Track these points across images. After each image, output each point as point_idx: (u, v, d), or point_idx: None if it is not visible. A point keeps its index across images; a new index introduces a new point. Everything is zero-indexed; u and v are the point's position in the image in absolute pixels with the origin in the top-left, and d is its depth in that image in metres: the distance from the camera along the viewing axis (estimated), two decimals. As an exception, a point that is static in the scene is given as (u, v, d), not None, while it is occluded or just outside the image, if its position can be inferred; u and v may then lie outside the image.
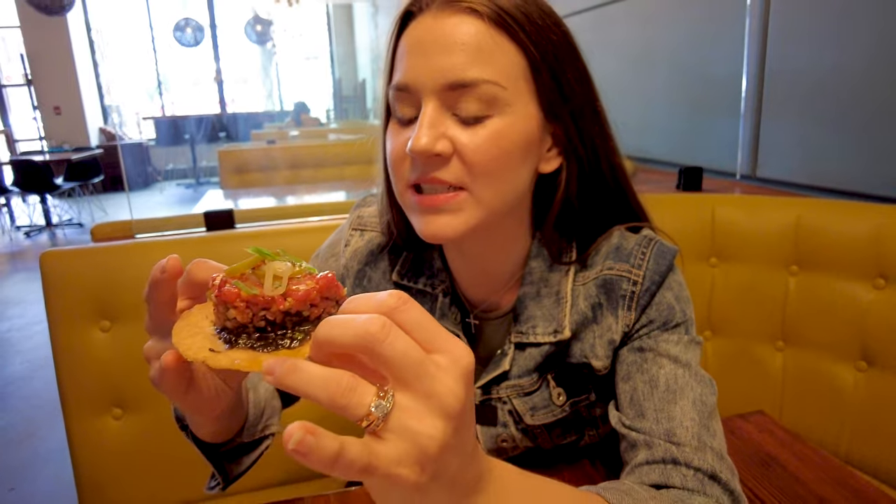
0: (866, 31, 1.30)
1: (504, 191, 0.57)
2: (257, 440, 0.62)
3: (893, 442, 1.03)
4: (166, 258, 0.40)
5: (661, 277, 0.62)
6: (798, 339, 1.18)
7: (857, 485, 0.64)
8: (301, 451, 0.28)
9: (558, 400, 0.65)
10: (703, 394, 0.57)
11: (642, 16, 2.14)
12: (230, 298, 0.35)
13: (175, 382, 0.42)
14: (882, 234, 1.06)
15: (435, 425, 0.30)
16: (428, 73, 0.54)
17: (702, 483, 0.51)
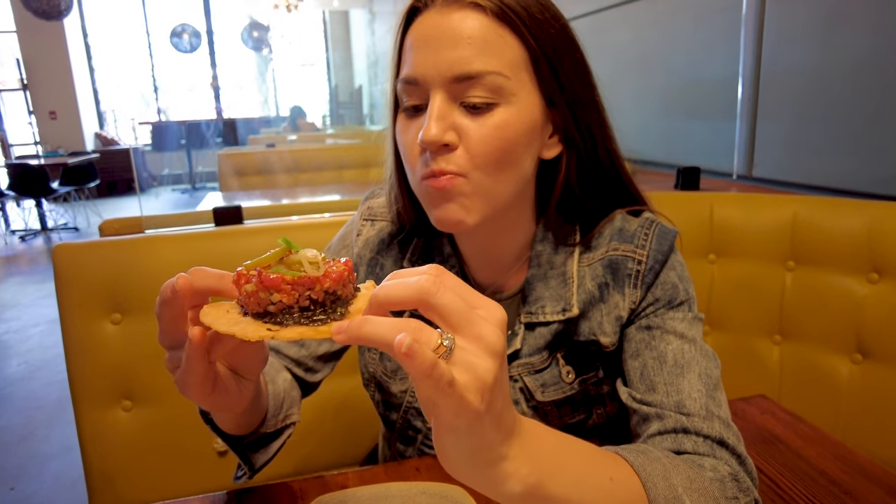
0: (857, 37, 1.33)
1: (508, 178, 0.60)
2: (279, 429, 0.64)
3: (888, 431, 1.05)
4: (175, 277, 0.41)
5: (663, 257, 0.65)
6: (795, 332, 1.20)
7: (857, 461, 0.66)
8: (409, 353, 0.32)
9: (567, 378, 0.67)
10: (708, 367, 0.60)
11: (639, 21, 2.17)
12: (276, 283, 0.38)
13: (202, 384, 0.45)
14: (874, 229, 1.08)
15: (487, 361, 0.35)
16: (435, 66, 0.57)
17: (711, 448, 0.54)
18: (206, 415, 0.61)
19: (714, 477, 0.51)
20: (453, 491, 0.58)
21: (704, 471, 0.51)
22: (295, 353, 0.74)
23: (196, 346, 0.42)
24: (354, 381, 1.17)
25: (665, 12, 2.02)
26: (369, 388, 0.80)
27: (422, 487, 0.59)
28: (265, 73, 9.10)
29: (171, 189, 8.46)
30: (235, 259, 1.15)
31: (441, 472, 0.66)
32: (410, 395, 0.74)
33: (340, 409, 1.15)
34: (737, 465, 0.53)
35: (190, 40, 8.25)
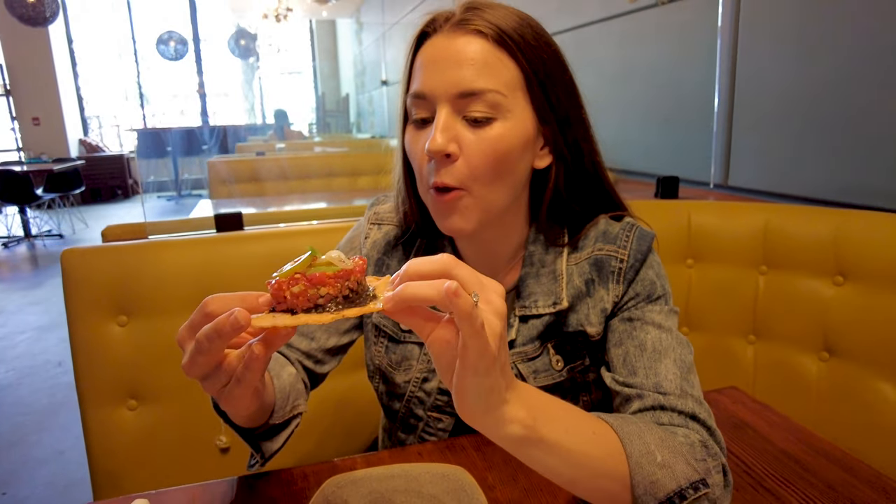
0: (826, 54, 1.41)
1: (504, 187, 0.67)
2: (287, 420, 0.69)
3: (853, 425, 1.11)
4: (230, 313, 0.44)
5: (643, 256, 0.72)
6: (767, 332, 1.27)
7: (818, 443, 0.73)
8: (457, 293, 0.40)
9: (557, 365, 0.74)
10: (682, 353, 0.67)
11: (620, 36, 2.23)
12: (322, 279, 0.45)
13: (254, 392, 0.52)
14: (840, 235, 1.15)
15: (496, 320, 0.44)
16: (442, 83, 0.64)
17: (685, 421, 0.61)
18: (217, 407, 0.65)
19: (685, 441, 0.58)
20: (454, 470, 0.64)
21: (677, 436, 0.58)
22: (305, 346, 0.79)
23: (262, 358, 0.47)
24: (352, 379, 1.22)
25: (645, 28, 2.08)
26: (374, 379, 0.86)
27: (425, 468, 0.65)
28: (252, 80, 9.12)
29: (157, 196, 8.43)
30: (236, 263, 1.20)
31: (441, 455, 0.71)
32: (413, 386, 0.80)
33: (340, 405, 1.20)
34: (707, 435, 0.60)
35: (176, 47, 8.24)
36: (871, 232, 1.11)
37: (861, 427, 1.09)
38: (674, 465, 0.54)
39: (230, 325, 0.44)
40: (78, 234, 6.56)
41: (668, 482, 0.53)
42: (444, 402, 0.79)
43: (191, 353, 0.47)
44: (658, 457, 0.53)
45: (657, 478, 0.52)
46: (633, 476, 0.52)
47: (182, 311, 1.14)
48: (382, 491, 0.62)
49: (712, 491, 0.54)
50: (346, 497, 0.61)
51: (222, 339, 0.45)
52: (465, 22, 0.65)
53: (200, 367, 0.48)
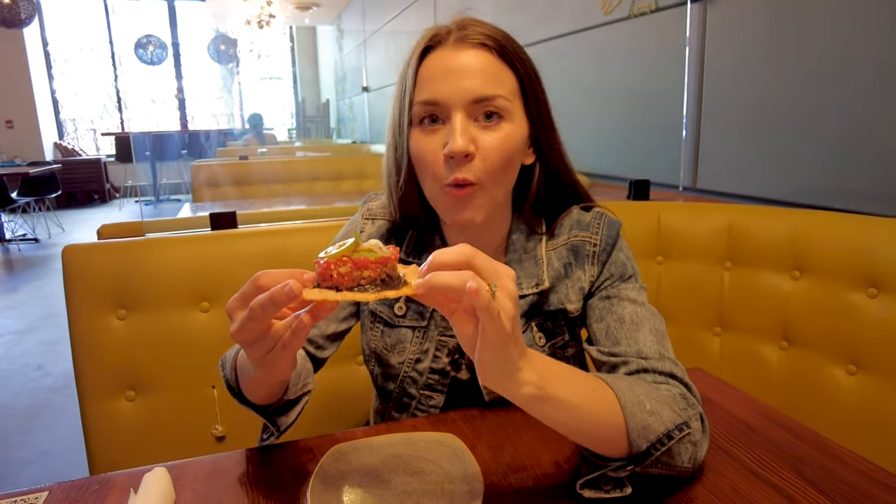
0: (783, 66, 1.51)
1: (506, 183, 0.77)
2: (299, 396, 0.75)
3: (811, 408, 1.19)
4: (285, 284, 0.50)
5: (613, 241, 0.82)
6: (732, 325, 1.34)
7: (767, 411, 0.81)
8: (478, 291, 0.47)
9: (539, 342, 0.83)
10: (656, 323, 0.77)
11: (594, 47, 2.31)
12: (365, 263, 0.52)
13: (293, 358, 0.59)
14: (797, 233, 1.23)
15: (510, 303, 0.51)
16: (457, 91, 0.71)
17: (666, 380, 0.70)
18: (232, 389, 0.72)
19: (668, 394, 0.67)
20: (447, 437, 0.71)
21: (660, 390, 0.67)
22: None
23: (309, 326, 0.54)
24: (340, 370, 1.28)
25: (618, 40, 2.16)
26: (369, 363, 0.92)
27: (421, 436, 0.72)
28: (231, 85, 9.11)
29: (135, 201, 8.35)
30: (232, 260, 1.26)
31: (433, 427, 0.78)
32: (407, 366, 0.87)
33: (330, 394, 1.26)
34: (684, 389, 0.70)
35: (155, 52, 8.21)
36: (824, 230, 1.20)
37: (816, 408, 1.18)
38: (661, 411, 0.62)
39: (285, 294, 0.50)
40: (54, 239, 6.49)
41: (657, 426, 0.61)
42: (434, 381, 0.86)
43: (242, 320, 0.54)
44: (647, 405, 0.62)
45: (648, 423, 0.61)
46: (628, 423, 0.60)
47: (180, 305, 1.19)
48: (385, 456, 0.69)
49: (693, 434, 0.63)
50: (349, 462, 0.68)
51: (276, 306, 0.51)
52: (468, 37, 0.73)
53: (250, 333, 0.55)
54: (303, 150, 5.47)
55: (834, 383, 1.16)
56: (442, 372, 0.86)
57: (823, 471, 0.68)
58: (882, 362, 1.08)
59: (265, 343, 0.56)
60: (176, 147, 8.05)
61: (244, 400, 0.71)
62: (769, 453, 0.71)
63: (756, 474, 0.67)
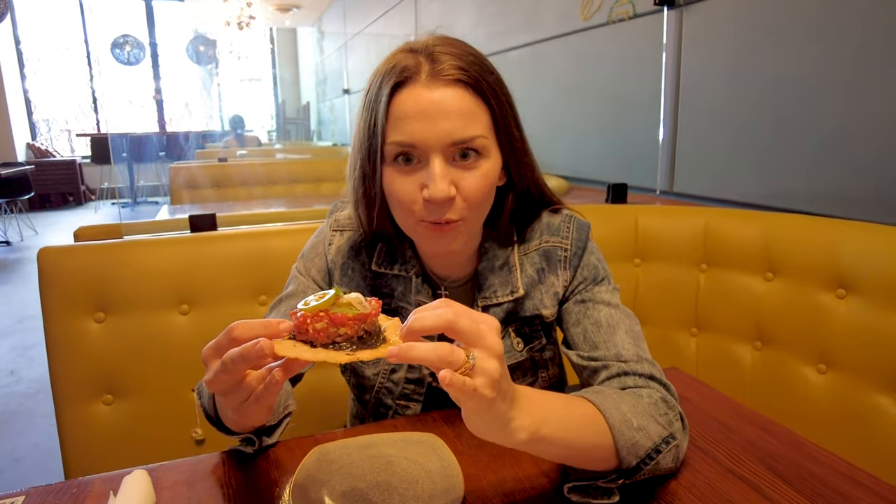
0: (756, 72, 1.55)
1: (486, 210, 0.76)
2: (281, 420, 0.76)
3: (783, 406, 1.21)
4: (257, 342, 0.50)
5: (583, 244, 0.83)
6: (708, 325, 1.37)
7: (742, 410, 0.84)
8: (449, 384, 0.47)
9: (517, 347, 0.84)
10: (631, 324, 0.78)
11: (575, 51, 2.34)
12: (342, 320, 0.51)
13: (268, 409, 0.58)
14: (770, 236, 1.25)
15: (494, 363, 0.50)
16: (434, 135, 0.68)
17: (646, 382, 0.72)
18: (210, 418, 0.71)
19: (650, 402, 0.68)
20: (428, 437, 0.72)
21: (643, 398, 0.68)
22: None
23: (281, 383, 0.53)
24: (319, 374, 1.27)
25: (598, 45, 2.19)
26: (345, 374, 0.93)
27: (402, 436, 0.72)
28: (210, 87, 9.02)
29: (112, 203, 8.22)
30: (212, 262, 1.25)
31: (413, 427, 0.79)
32: (382, 377, 0.87)
33: (310, 394, 1.25)
34: (664, 390, 0.71)
35: (132, 52, 8.10)
36: (796, 232, 1.23)
37: (788, 406, 1.21)
38: (647, 426, 0.64)
39: (255, 353, 0.50)
40: (26, 242, 6.35)
41: (645, 441, 0.63)
42: (410, 391, 0.86)
43: (215, 371, 0.53)
44: (634, 422, 0.63)
45: (636, 440, 0.62)
46: (617, 442, 0.61)
47: (160, 308, 1.18)
48: (367, 456, 0.69)
49: (677, 438, 0.66)
50: (331, 462, 0.68)
51: (246, 363, 0.51)
52: (442, 72, 0.69)
53: (223, 384, 0.55)
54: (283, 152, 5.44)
55: (805, 382, 1.19)
56: (417, 381, 0.86)
57: (795, 467, 0.70)
58: (850, 361, 1.11)
59: (239, 394, 0.55)
60: (154, 149, 7.94)
61: (224, 428, 0.70)
62: (743, 451, 0.73)
63: (730, 471, 0.69)
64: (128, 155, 7.75)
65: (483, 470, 0.70)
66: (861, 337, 1.10)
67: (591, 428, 0.61)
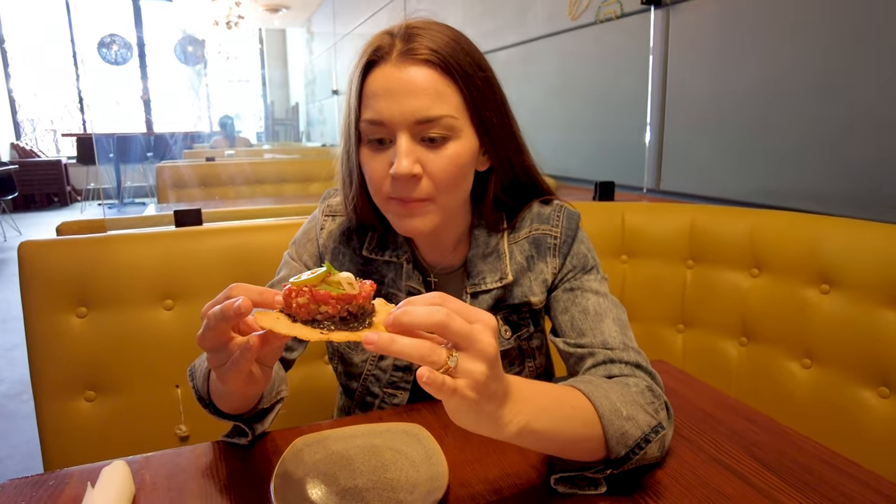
0: (742, 71, 1.57)
1: (460, 195, 0.76)
2: (273, 404, 0.75)
3: (769, 401, 1.22)
4: (238, 299, 0.50)
5: (573, 233, 0.83)
6: (694, 321, 1.38)
7: (727, 401, 0.84)
8: (428, 382, 0.45)
9: (505, 335, 0.84)
10: (618, 313, 0.78)
11: (563, 51, 2.36)
12: (325, 298, 0.50)
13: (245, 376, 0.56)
14: (755, 232, 1.27)
15: (482, 366, 0.48)
16: (401, 112, 0.69)
17: (632, 370, 0.72)
18: (203, 400, 0.71)
19: (637, 391, 0.68)
20: (413, 427, 0.71)
21: (630, 387, 0.68)
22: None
23: (254, 350, 0.53)
24: (307, 369, 1.27)
25: (585, 45, 2.21)
26: (333, 361, 0.92)
27: (386, 426, 0.72)
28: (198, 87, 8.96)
29: (98, 204, 8.13)
30: (196, 257, 1.24)
31: (399, 418, 0.78)
32: (370, 364, 0.86)
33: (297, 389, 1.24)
34: (650, 379, 0.71)
35: (119, 52, 8.02)
36: (781, 229, 1.24)
37: (774, 401, 1.21)
38: (636, 416, 0.64)
39: (233, 310, 0.50)
40: (10, 242, 6.27)
41: (634, 431, 0.63)
42: (398, 378, 0.86)
43: (203, 326, 0.53)
44: (624, 411, 0.63)
45: (626, 429, 0.62)
46: (607, 432, 0.61)
47: (144, 303, 1.17)
48: (350, 446, 0.69)
49: (664, 427, 0.66)
50: (315, 453, 0.67)
51: (226, 320, 0.51)
52: (412, 52, 0.70)
53: (208, 341, 0.54)
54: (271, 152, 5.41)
55: (791, 377, 1.20)
56: (405, 369, 0.86)
57: (778, 454, 0.70)
58: (834, 356, 1.12)
59: (221, 355, 0.55)
60: (141, 149, 7.87)
61: (216, 411, 0.70)
62: (727, 439, 0.73)
63: (715, 459, 0.69)
64: (114, 155, 7.68)
65: (468, 460, 0.69)
66: (844, 331, 1.11)
67: (581, 419, 0.61)
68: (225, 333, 0.54)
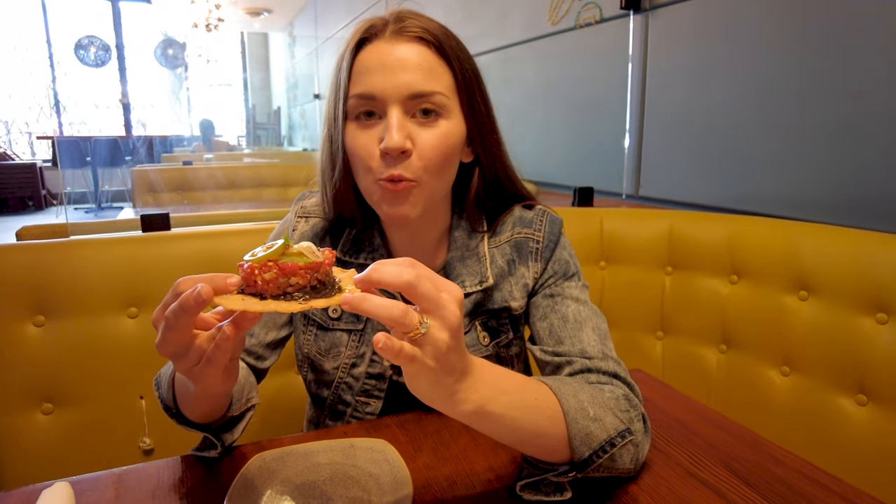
0: (722, 79, 1.56)
1: (445, 180, 0.75)
2: (243, 412, 0.72)
3: (749, 409, 1.21)
4: (196, 287, 0.47)
5: (555, 237, 0.81)
6: (673, 328, 1.36)
7: (703, 411, 0.82)
8: (384, 348, 0.44)
9: (484, 341, 0.82)
10: (598, 322, 0.76)
11: (542, 56, 2.34)
12: (293, 269, 0.47)
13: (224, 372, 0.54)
14: (734, 239, 1.26)
15: (445, 334, 0.47)
16: (394, 86, 0.69)
17: (609, 380, 0.70)
18: (170, 409, 0.67)
19: (611, 396, 0.66)
20: (378, 443, 0.68)
21: (603, 392, 0.66)
22: (246, 343, 0.81)
23: (232, 339, 0.50)
24: (277, 379, 1.23)
25: (564, 50, 2.20)
26: (302, 368, 0.88)
27: (350, 442, 0.68)
28: (179, 91, 8.85)
29: (75, 208, 7.98)
30: (163, 263, 1.20)
31: (365, 433, 0.75)
32: (342, 372, 0.83)
33: (267, 402, 1.21)
34: (627, 389, 0.69)
35: (97, 54, 7.89)
36: (760, 235, 1.23)
37: (754, 408, 1.20)
38: (604, 417, 0.61)
39: (194, 299, 0.47)
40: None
41: (599, 433, 0.60)
42: (371, 386, 0.83)
43: (162, 330, 0.50)
44: (591, 412, 0.60)
45: (591, 430, 0.59)
46: (570, 430, 0.59)
47: (106, 311, 1.13)
48: (311, 464, 0.65)
49: (635, 437, 0.63)
50: (273, 471, 0.64)
51: (187, 314, 0.48)
52: (405, 29, 0.71)
53: (171, 345, 0.51)
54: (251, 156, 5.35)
55: (770, 384, 1.18)
56: (379, 377, 0.83)
57: (757, 469, 0.68)
58: (812, 363, 1.11)
59: (190, 357, 0.52)
60: (119, 153, 7.74)
61: (184, 420, 0.67)
62: (704, 453, 0.71)
63: (691, 473, 0.67)
64: (92, 159, 7.54)
65: (437, 477, 0.66)
66: (823, 338, 1.10)
67: (544, 413, 0.58)
68: (187, 332, 0.51)
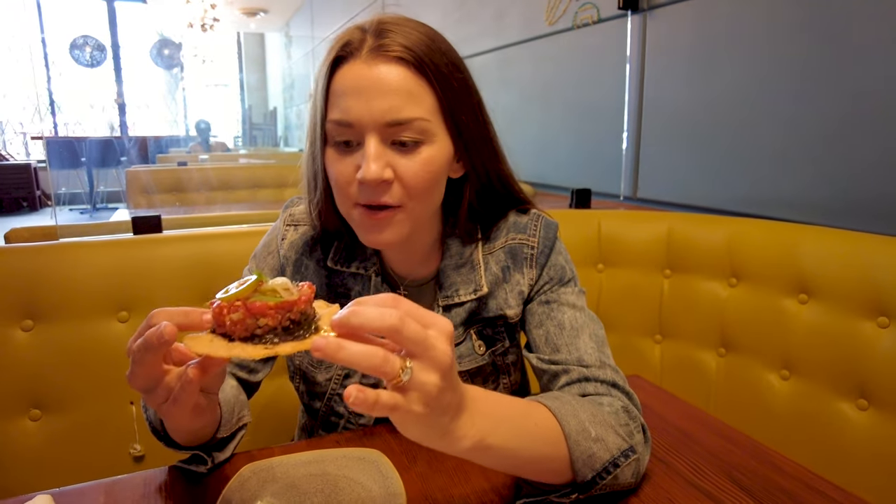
0: (721, 79, 1.55)
1: (431, 203, 0.72)
2: (234, 432, 0.70)
3: (748, 413, 1.20)
4: (160, 326, 0.46)
5: (551, 243, 0.79)
6: (672, 331, 1.35)
7: (704, 418, 0.80)
8: (356, 402, 0.41)
9: (479, 350, 0.80)
10: (595, 329, 0.74)
11: (540, 57, 2.33)
12: (262, 310, 0.44)
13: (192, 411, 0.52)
14: (733, 241, 1.25)
15: (434, 377, 0.44)
16: (370, 113, 0.64)
17: (608, 389, 0.68)
18: (157, 432, 0.65)
19: (610, 411, 0.64)
20: (371, 453, 0.66)
21: (603, 407, 0.64)
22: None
23: (195, 383, 0.48)
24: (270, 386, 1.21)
25: (562, 51, 2.19)
26: (294, 379, 0.86)
27: (342, 452, 0.67)
28: (175, 91, 8.81)
29: (69, 209, 7.94)
30: (154, 266, 1.18)
31: (358, 442, 0.73)
32: (334, 384, 0.81)
33: (259, 408, 1.19)
34: (626, 399, 0.67)
35: (92, 54, 7.85)
36: (759, 237, 1.22)
37: (753, 413, 1.19)
38: (606, 437, 0.59)
39: (156, 338, 0.45)
40: None
41: (602, 454, 0.58)
42: None
43: (131, 363, 0.48)
44: (592, 432, 0.58)
45: (593, 451, 0.58)
46: (572, 452, 0.57)
47: (96, 315, 1.11)
48: (302, 475, 0.64)
49: (638, 451, 0.61)
50: (263, 482, 0.62)
51: (151, 352, 0.46)
52: (384, 48, 0.65)
53: (140, 380, 0.49)
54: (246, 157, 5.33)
55: (769, 388, 1.17)
56: (373, 387, 0.81)
57: (759, 478, 0.66)
58: (812, 367, 1.10)
59: (158, 393, 0.50)
60: (115, 154, 7.69)
61: (172, 443, 0.65)
62: (705, 462, 0.69)
63: (692, 484, 0.65)
64: (87, 159, 7.50)
65: (430, 487, 0.64)
66: (823, 342, 1.08)
67: (545, 438, 0.56)
68: (155, 368, 0.49)
